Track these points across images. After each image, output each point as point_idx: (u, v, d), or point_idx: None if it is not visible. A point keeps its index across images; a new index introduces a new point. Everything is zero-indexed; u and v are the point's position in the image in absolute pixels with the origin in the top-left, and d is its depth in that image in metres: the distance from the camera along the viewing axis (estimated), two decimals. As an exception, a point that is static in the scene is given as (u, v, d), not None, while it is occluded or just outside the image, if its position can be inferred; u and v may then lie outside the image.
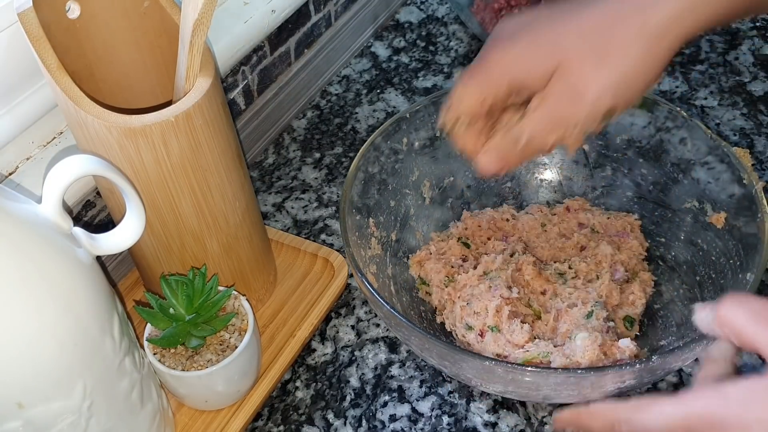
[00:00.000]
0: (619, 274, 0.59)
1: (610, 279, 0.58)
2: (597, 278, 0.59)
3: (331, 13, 0.85)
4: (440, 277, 0.61)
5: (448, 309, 0.60)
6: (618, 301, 0.58)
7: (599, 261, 0.60)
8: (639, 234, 0.63)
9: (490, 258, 0.60)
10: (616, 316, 0.58)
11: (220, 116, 0.50)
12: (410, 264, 0.63)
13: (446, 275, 0.61)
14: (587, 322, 0.55)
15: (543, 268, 0.61)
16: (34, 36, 0.46)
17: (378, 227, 0.61)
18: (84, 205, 0.60)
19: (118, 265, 0.65)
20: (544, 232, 0.65)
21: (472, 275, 0.59)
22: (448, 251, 0.63)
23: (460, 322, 0.57)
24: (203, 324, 0.52)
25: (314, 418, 0.57)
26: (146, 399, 0.49)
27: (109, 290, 0.45)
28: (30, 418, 0.41)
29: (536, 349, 0.54)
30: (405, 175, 0.64)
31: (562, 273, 0.60)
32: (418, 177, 0.64)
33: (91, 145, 0.49)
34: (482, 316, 0.56)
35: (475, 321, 0.56)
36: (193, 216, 0.52)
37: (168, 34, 0.53)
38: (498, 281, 0.58)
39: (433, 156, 0.65)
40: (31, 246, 0.39)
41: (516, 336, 0.55)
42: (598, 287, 0.58)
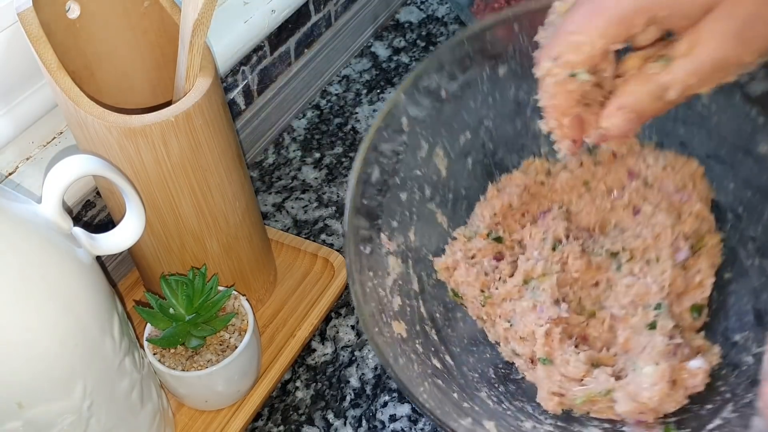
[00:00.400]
0: (683, 254, 0.50)
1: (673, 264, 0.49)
2: (657, 260, 0.50)
3: (331, 13, 0.85)
4: (474, 292, 0.53)
5: (488, 324, 0.53)
6: (683, 287, 0.50)
7: (658, 234, 0.50)
8: (703, 185, 0.52)
9: (529, 264, 0.51)
10: (681, 306, 0.50)
11: (220, 116, 0.50)
12: (437, 269, 0.54)
13: (481, 288, 0.53)
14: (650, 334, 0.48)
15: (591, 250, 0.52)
16: (34, 36, 0.46)
17: (392, 238, 0.51)
18: (84, 205, 0.60)
19: (118, 265, 0.65)
20: (587, 191, 0.54)
21: (511, 286, 0.51)
22: (477, 253, 0.54)
23: (506, 344, 0.51)
24: (203, 324, 0.52)
25: (314, 418, 0.57)
26: (146, 399, 0.49)
27: (109, 290, 0.45)
28: (30, 418, 0.41)
29: (596, 385, 0.47)
30: (412, 155, 0.53)
31: (614, 254, 0.51)
32: (428, 150, 0.54)
33: (91, 145, 0.49)
34: (530, 342, 0.49)
35: (522, 348, 0.50)
36: (193, 216, 0.52)
37: (168, 34, 0.53)
38: (543, 296, 0.50)
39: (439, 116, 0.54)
40: (31, 246, 0.39)
41: (572, 369, 0.48)
42: (659, 276, 0.49)
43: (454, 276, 0.54)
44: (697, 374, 0.46)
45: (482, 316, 0.53)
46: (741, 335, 0.49)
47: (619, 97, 0.38)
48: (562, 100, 0.39)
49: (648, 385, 0.45)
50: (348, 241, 0.47)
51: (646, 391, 0.45)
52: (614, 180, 0.54)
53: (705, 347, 0.49)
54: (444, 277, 0.54)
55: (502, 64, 0.54)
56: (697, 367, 0.46)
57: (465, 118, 0.55)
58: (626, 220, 0.53)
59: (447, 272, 0.54)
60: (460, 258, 0.54)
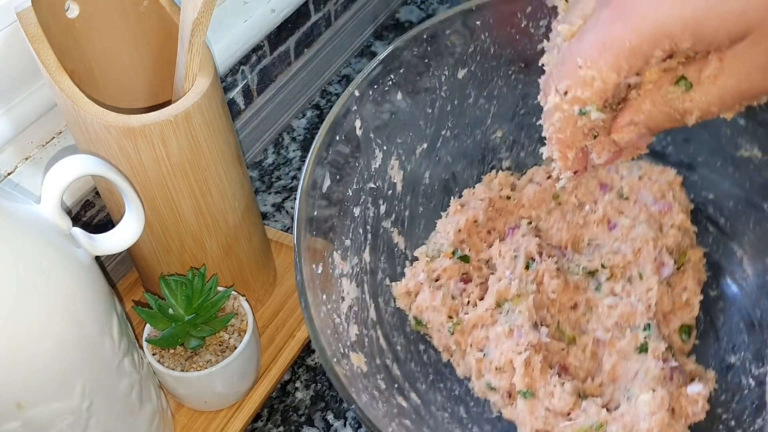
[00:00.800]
0: (668, 269, 0.46)
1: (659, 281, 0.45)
2: (640, 278, 0.46)
3: (331, 13, 0.85)
4: (441, 318, 0.47)
5: (457, 356, 0.48)
6: (670, 307, 0.46)
7: (638, 249, 0.46)
8: (683, 198, 0.48)
9: (502, 284, 0.46)
10: (669, 327, 0.46)
11: (219, 116, 0.50)
12: (396, 295, 0.49)
13: (448, 315, 0.47)
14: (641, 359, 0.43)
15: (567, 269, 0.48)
16: (33, 35, 0.46)
17: (346, 258, 0.45)
18: (83, 205, 0.60)
19: (118, 266, 0.65)
20: (557, 206, 0.50)
21: (482, 311, 0.46)
22: (442, 274, 0.49)
23: (478, 378, 0.46)
24: (202, 324, 0.52)
25: (314, 419, 0.57)
26: (145, 399, 0.49)
27: (108, 290, 0.45)
28: (29, 418, 0.41)
29: (586, 419, 0.42)
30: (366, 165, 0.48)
31: (592, 272, 0.47)
32: (383, 159, 0.49)
33: (90, 145, 0.49)
34: (507, 373, 0.44)
35: (499, 381, 0.44)
36: (193, 216, 0.52)
37: (167, 33, 0.53)
38: (520, 319, 0.44)
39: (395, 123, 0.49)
40: (30, 246, 0.39)
41: (557, 401, 0.42)
42: (645, 294, 0.45)
43: (416, 302, 0.48)
44: (696, 401, 0.42)
45: (450, 347, 0.48)
46: (736, 356, 0.46)
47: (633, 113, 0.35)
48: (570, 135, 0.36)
49: (646, 415, 0.40)
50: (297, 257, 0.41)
51: (644, 422, 0.40)
52: (585, 193, 0.51)
53: (698, 372, 0.46)
54: (404, 304, 0.49)
55: (461, 67, 0.50)
56: (696, 393, 0.42)
57: (422, 126, 0.51)
58: (601, 235, 0.49)
59: (408, 298, 0.49)
60: (423, 280, 0.48)
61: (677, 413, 0.42)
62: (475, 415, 0.46)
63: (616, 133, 0.36)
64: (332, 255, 0.45)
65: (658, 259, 0.46)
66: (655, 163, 0.50)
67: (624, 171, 0.50)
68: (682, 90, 0.33)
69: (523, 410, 0.43)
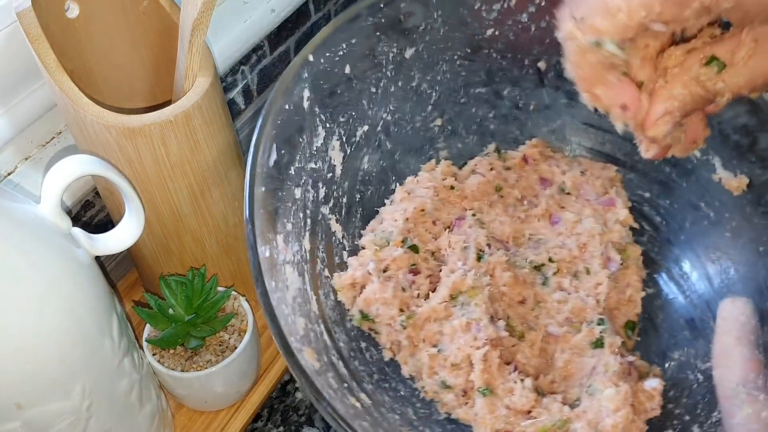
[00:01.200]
0: (614, 265, 0.45)
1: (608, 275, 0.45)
2: (587, 273, 0.45)
3: (331, 13, 0.85)
4: (391, 312, 0.44)
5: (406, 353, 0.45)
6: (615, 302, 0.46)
7: (584, 244, 0.45)
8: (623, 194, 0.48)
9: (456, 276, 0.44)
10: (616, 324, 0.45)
11: (219, 116, 0.50)
12: (338, 287, 0.46)
13: (400, 308, 0.44)
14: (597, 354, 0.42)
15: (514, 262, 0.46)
16: (32, 35, 0.46)
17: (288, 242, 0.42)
18: (83, 205, 0.60)
19: (118, 266, 0.65)
20: (500, 198, 0.49)
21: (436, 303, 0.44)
22: (391, 264, 0.46)
23: (430, 376, 0.43)
24: (202, 324, 0.52)
25: (314, 420, 0.57)
26: (145, 400, 0.49)
27: (108, 291, 0.45)
28: (29, 418, 0.41)
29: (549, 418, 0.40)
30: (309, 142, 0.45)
31: (539, 267, 0.46)
32: (325, 138, 0.46)
33: (90, 144, 0.49)
34: (464, 370, 0.42)
35: (455, 378, 0.42)
36: (193, 216, 0.52)
37: (167, 33, 0.53)
38: (477, 312, 0.42)
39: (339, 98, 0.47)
40: (30, 246, 0.39)
41: (518, 399, 0.41)
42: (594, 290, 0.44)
43: (363, 294, 0.45)
44: (653, 396, 0.41)
45: (399, 342, 0.45)
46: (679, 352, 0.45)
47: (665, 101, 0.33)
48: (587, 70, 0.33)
49: (611, 411, 0.39)
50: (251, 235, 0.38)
51: (609, 418, 0.39)
52: (526, 187, 0.49)
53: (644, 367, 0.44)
54: (347, 298, 0.46)
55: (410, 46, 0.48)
56: (653, 387, 0.41)
57: (365, 106, 0.48)
58: (543, 230, 0.48)
59: (352, 290, 0.46)
60: (372, 270, 0.45)
61: (636, 408, 0.41)
62: (423, 417, 0.44)
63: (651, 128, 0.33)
64: (276, 238, 0.41)
65: (605, 254, 0.45)
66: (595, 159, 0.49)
67: (565, 166, 0.49)
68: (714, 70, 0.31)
69: (482, 409, 0.41)
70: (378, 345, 0.46)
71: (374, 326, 0.46)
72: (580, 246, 0.46)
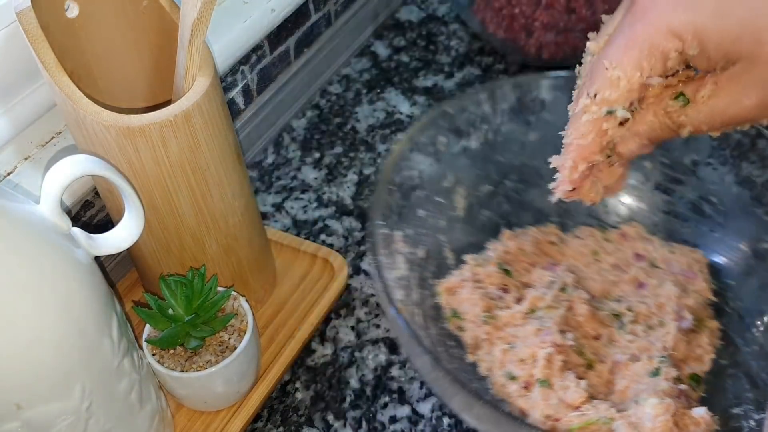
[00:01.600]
0: (687, 322, 0.50)
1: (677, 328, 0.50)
2: (660, 325, 0.50)
3: (331, 12, 0.85)
4: (477, 311, 0.52)
5: (484, 349, 0.51)
6: (683, 354, 0.50)
7: (662, 304, 0.51)
8: (707, 275, 0.54)
9: (538, 293, 0.51)
10: (682, 372, 0.50)
11: (219, 116, 0.50)
12: (439, 291, 0.54)
13: (484, 309, 0.52)
14: (653, 381, 0.47)
15: (596, 307, 0.53)
16: (32, 35, 0.46)
17: (406, 242, 0.52)
18: (83, 205, 0.60)
19: (117, 266, 0.65)
20: (595, 261, 0.56)
21: (517, 312, 0.51)
22: (485, 279, 0.54)
23: (500, 368, 0.49)
24: (202, 325, 0.52)
25: (314, 420, 0.57)
26: (145, 400, 0.49)
27: (107, 291, 0.45)
28: (28, 419, 0.41)
29: (595, 413, 0.45)
30: (437, 180, 0.55)
31: (618, 315, 0.52)
32: (454, 183, 0.56)
33: (90, 144, 0.48)
34: (529, 365, 0.48)
35: (520, 370, 0.48)
36: (192, 216, 0.52)
37: (167, 33, 0.53)
38: (548, 323, 0.49)
39: (472, 159, 0.56)
40: (30, 246, 0.39)
41: (570, 394, 0.46)
42: (663, 337, 0.49)
43: (456, 295, 0.53)
44: (699, 423, 0.45)
45: (480, 338, 0.51)
46: (739, 408, 0.48)
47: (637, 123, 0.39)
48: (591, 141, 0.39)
49: (651, 417, 0.43)
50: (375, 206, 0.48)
51: (649, 422, 0.43)
52: (621, 259, 0.56)
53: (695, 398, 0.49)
54: (444, 300, 0.54)
55: (532, 130, 0.57)
56: (700, 415, 0.45)
57: (491, 170, 0.58)
58: (629, 293, 0.54)
59: (448, 294, 0.54)
60: (467, 278, 0.53)
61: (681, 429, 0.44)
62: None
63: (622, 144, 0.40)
64: (394, 231, 0.51)
65: (679, 313, 0.51)
66: (686, 245, 0.56)
67: (658, 246, 0.56)
68: (680, 104, 0.38)
69: (538, 397, 0.47)
70: (462, 347, 0.52)
71: (461, 323, 0.53)
72: (658, 305, 0.52)
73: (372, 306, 0.64)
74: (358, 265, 0.67)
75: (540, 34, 0.81)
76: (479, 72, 0.86)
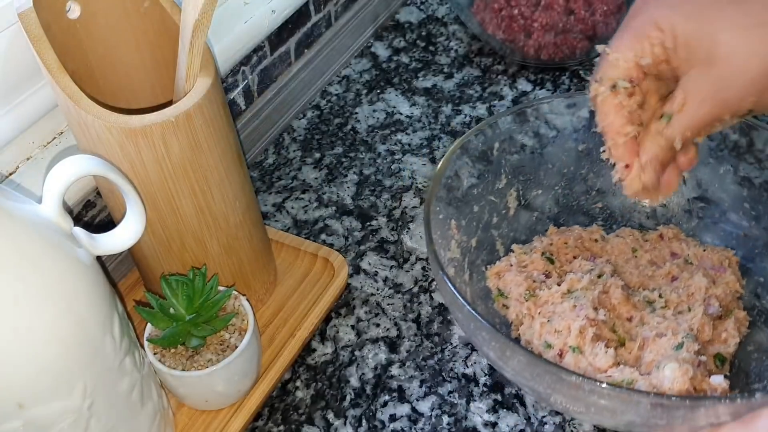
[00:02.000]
0: (713, 308, 0.56)
1: (704, 313, 0.55)
2: (689, 310, 0.55)
3: (331, 13, 0.85)
4: (520, 290, 0.58)
5: (525, 324, 0.57)
6: (710, 337, 0.55)
7: (692, 293, 0.57)
8: (736, 270, 0.59)
9: (576, 276, 0.57)
10: (707, 352, 0.54)
11: (220, 116, 0.50)
12: (488, 275, 0.60)
13: (527, 289, 0.58)
14: (677, 353, 0.51)
15: (631, 294, 0.58)
16: (34, 36, 0.46)
17: (459, 230, 0.59)
18: (84, 205, 0.60)
19: (119, 265, 0.65)
20: (634, 257, 0.62)
21: (555, 292, 0.56)
22: (530, 264, 0.61)
23: (538, 339, 0.55)
24: (203, 324, 0.52)
25: (314, 418, 0.57)
26: (146, 399, 0.49)
27: (109, 290, 0.45)
28: (30, 418, 0.41)
29: (620, 375, 0.50)
30: (491, 180, 0.61)
31: (651, 301, 0.57)
32: (505, 185, 0.62)
33: (92, 145, 0.49)
34: (564, 335, 0.53)
35: (556, 339, 0.53)
36: (194, 216, 0.52)
37: (168, 34, 0.53)
38: (584, 301, 0.54)
39: (524, 165, 0.63)
40: (32, 246, 0.39)
41: (599, 360, 0.51)
42: (690, 320, 0.54)
43: (503, 278, 0.59)
44: (717, 389, 0.49)
45: (521, 314, 0.57)
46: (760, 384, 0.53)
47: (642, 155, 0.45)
48: (614, 116, 0.45)
49: (670, 380, 0.48)
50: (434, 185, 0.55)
51: (668, 383, 0.48)
52: (658, 257, 0.62)
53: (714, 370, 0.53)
54: (492, 283, 0.60)
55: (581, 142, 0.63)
56: (718, 383, 0.49)
57: (541, 176, 0.64)
58: (663, 285, 0.59)
59: (496, 277, 0.60)
60: (513, 263, 0.60)
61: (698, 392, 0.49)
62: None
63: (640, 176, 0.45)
64: (450, 218, 0.58)
65: (707, 301, 0.56)
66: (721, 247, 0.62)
67: (693, 246, 0.62)
68: (664, 122, 0.44)
69: (570, 362, 0.52)
70: (507, 325, 0.58)
71: (506, 302, 0.59)
72: (689, 294, 0.57)
73: (372, 305, 0.64)
74: (358, 265, 0.67)
75: (539, 35, 0.81)
76: (479, 72, 0.86)
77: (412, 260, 0.67)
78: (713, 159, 0.60)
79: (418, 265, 0.67)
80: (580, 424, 0.55)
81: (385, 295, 0.65)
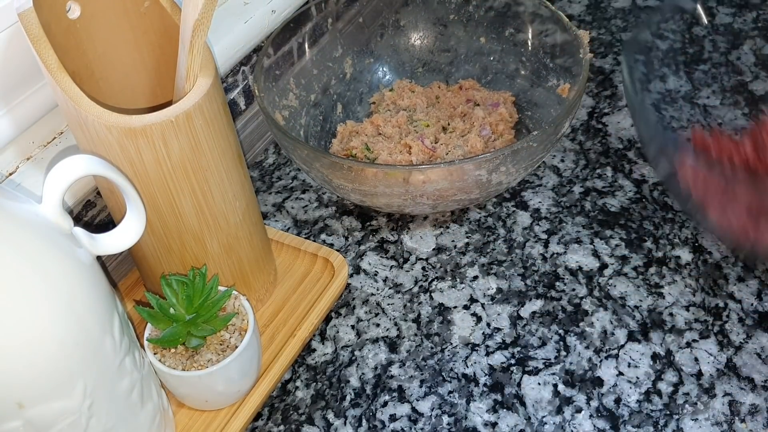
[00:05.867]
0: (486, 131, 0.74)
1: (477, 134, 0.73)
2: (469, 132, 0.74)
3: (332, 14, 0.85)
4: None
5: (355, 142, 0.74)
6: (481, 151, 0.71)
7: (473, 123, 0.74)
8: (510, 106, 0.77)
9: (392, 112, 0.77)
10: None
11: (220, 116, 0.50)
12: (339, 130, 0.76)
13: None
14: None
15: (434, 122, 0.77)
16: (34, 36, 0.46)
17: (297, 86, 0.73)
18: (84, 205, 0.60)
19: (119, 265, 0.65)
20: (437, 102, 0.79)
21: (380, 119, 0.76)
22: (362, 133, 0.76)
23: (363, 145, 0.73)
24: (203, 324, 0.52)
25: (314, 418, 0.57)
26: (146, 399, 0.49)
27: (109, 290, 0.45)
28: (30, 417, 0.41)
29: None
30: (329, 49, 0.77)
31: (444, 128, 0.75)
32: (341, 54, 0.78)
33: (92, 145, 0.49)
34: (382, 142, 0.73)
35: (376, 145, 0.72)
36: (194, 216, 0.52)
37: (168, 34, 0.53)
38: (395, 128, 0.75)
39: (358, 38, 0.79)
40: (32, 246, 0.40)
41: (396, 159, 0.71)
42: (469, 140, 0.72)
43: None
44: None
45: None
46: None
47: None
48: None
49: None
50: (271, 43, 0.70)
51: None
52: (457, 101, 0.79)
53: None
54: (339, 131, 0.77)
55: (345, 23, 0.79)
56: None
57: (372, 46, 0.81)
58: (457, 119, 0.76)
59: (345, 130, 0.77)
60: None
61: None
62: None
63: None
64: (287, 73, 0.73)
65: (482, 126, 0.74)
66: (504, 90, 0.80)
67: (485, 92, 0.79)
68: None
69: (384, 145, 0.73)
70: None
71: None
72: (471, 123, 0.75)
73: (372, 305, 0.64)
74: (359, 265, 0.67)
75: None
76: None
77: (412, 260, 0.67)
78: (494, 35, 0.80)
79: (418, 265, 0.67)
80: (580, 424, 0.55)
81: (385, 295, 0.65)
